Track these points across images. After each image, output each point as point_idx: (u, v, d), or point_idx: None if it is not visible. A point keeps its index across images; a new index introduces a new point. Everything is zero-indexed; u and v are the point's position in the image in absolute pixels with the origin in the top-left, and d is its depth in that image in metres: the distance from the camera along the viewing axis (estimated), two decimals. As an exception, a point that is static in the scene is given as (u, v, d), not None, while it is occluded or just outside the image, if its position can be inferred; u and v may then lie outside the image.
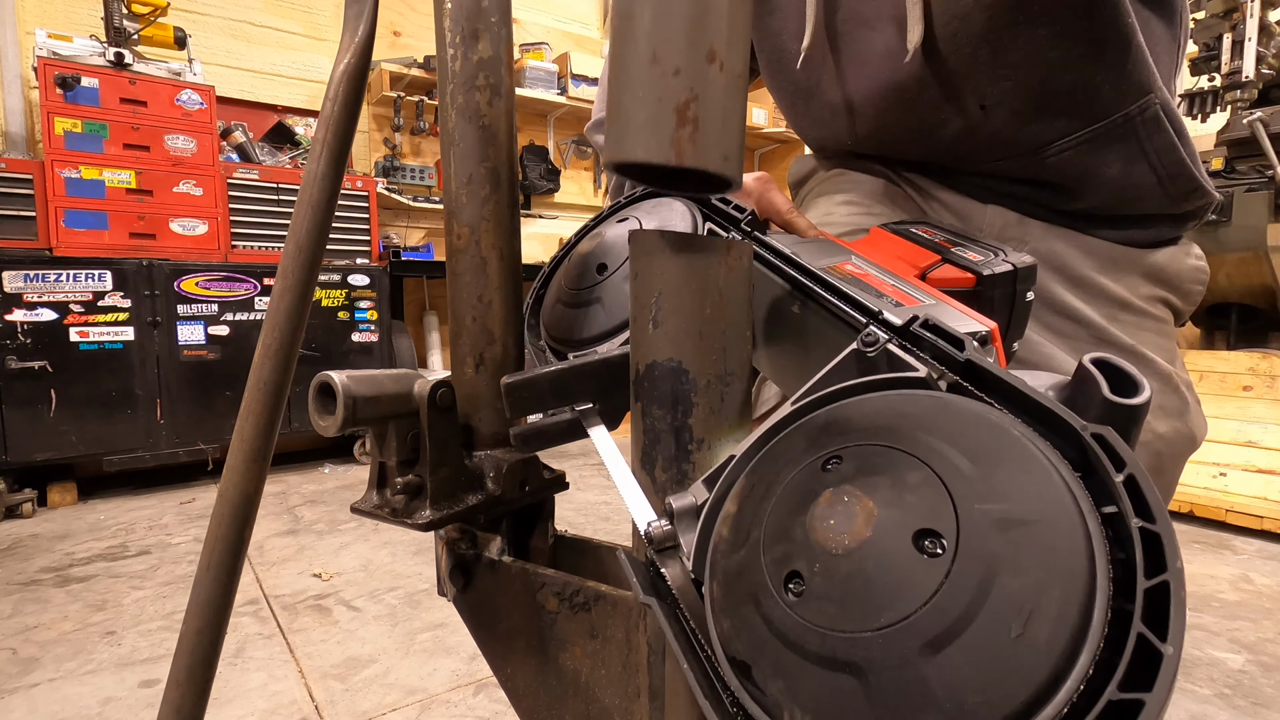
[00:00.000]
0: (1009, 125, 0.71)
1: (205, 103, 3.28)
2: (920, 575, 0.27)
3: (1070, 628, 0.25)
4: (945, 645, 0.26)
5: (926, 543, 0.27)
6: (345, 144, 0.63)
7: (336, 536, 2.64)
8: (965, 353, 0.35)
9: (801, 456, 0.33)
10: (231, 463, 0.60)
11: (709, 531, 0.36)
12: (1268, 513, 2.53)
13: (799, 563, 0.30)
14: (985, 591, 0.26)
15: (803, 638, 0.29)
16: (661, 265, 0.39)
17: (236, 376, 3.34)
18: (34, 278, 2.92)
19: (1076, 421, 0.29)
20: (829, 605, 0.28)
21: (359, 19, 0.63)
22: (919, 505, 0.29)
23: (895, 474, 0.30)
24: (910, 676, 0.26)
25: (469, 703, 1.55)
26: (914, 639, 0.26)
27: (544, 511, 0.61)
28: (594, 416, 0.50)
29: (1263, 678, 1.63)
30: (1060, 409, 0.30)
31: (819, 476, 0.31)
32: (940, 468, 0.29)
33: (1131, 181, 0.71)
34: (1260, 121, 2.63)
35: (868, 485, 0.30)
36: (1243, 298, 3.02)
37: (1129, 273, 0.77)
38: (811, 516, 0.30)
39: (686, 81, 0.34)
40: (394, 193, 4.19)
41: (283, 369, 0.61)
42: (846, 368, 0.40)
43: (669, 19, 0.34)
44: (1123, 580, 0.26)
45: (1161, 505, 0.26)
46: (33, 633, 1.88)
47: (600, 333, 0.54)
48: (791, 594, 0.29)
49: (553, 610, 0.51)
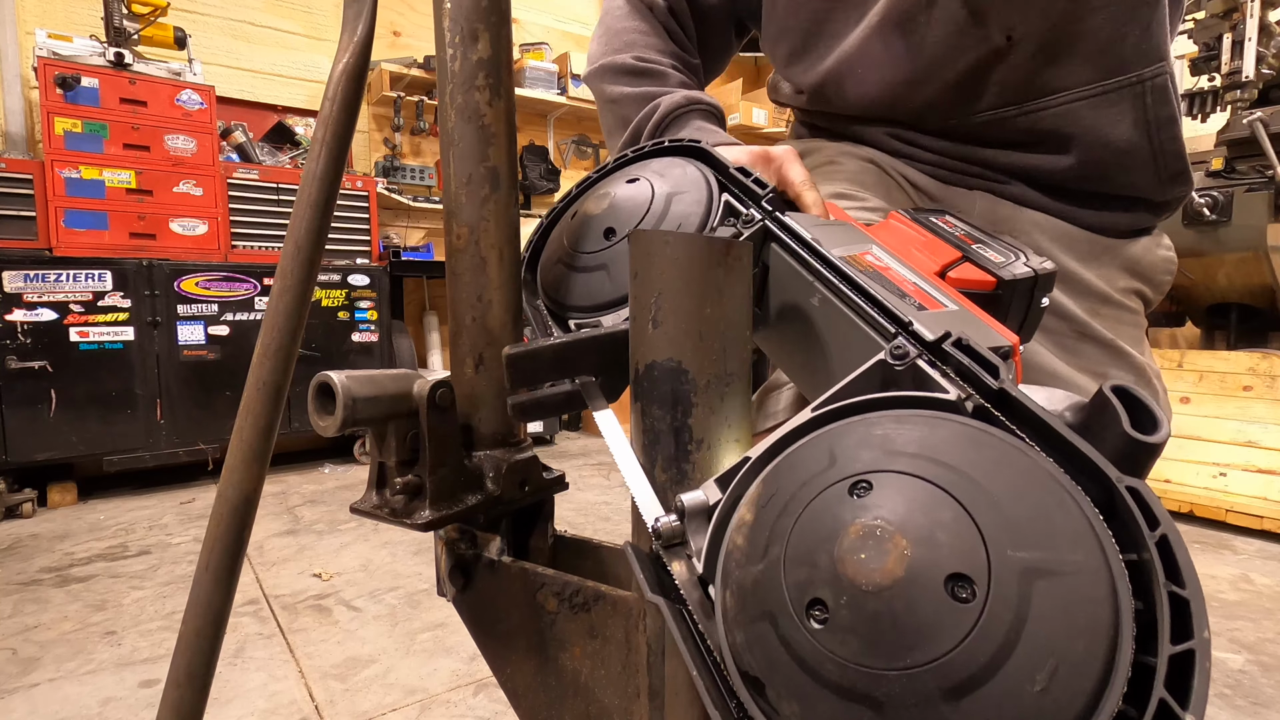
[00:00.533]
0: (1027, 65, 0.69)
1: (205, 103, 3.28)
2: (949, 620, 0.27)
3: (1093, 684, 0.25)
4: (969, 692, 0.26)
5: (957, 587, 0.27)
6: (344, 144, 0.63)
7: (336, 536, 2.64)
8: (1000, 380, 0.34)
9: (826, 473, 0.33)
10: (231, 463, 0.60)
11: (721, 535, 0.36)
12: (1268, 513, 2.53)
13: (824, 591, 0.29)
14: (1013, 642, 0.26)
15: (822, 665, 0.29)
16: (661, 265, 0.39)
17: (236, 376, 3.34)
18: (34, 278, 2.92)
19: (1112, 472, 0.29)
20: (853, 639, 0.28)
21: (358, 19, 0.63)
22: (952, 547, 0.28)
23: (929, 511, 0.29)
24: (930, 718, 0.26)
25: (469, 703, 1.55)
26: (938, 682, 0.26)
27: (544, 511, 0.61)
28: (595, 390, 0.49)
29: (1263, 678, 1.63)
30: (1095, 456, 0.30)
31: (847, 502, 0.31)
32: (973, 507, 0.29)
33: (1127, 148, 0.71)
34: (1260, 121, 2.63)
35: (900, 521, 0.29)
36: (1243, 298, 3.02)
37: (1108, 265, 0.78)
38: (840, 547, 0.30)
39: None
40: (394, 193, 4.19)
41: (282, 369, 0.61)
42: (871, 377, 0.39)
43: None
44: (1141, 636, 0.26)
45: (1193, 569, 0.26)
46: (33, 633, 1.88)
47: (605, 302, 0.52)
48: (815, 621, 0.29)
49: (552, 610, 0.51)
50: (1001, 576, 0.27)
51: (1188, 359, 3.00)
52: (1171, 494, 2.78)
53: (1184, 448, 2.86)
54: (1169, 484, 2.82)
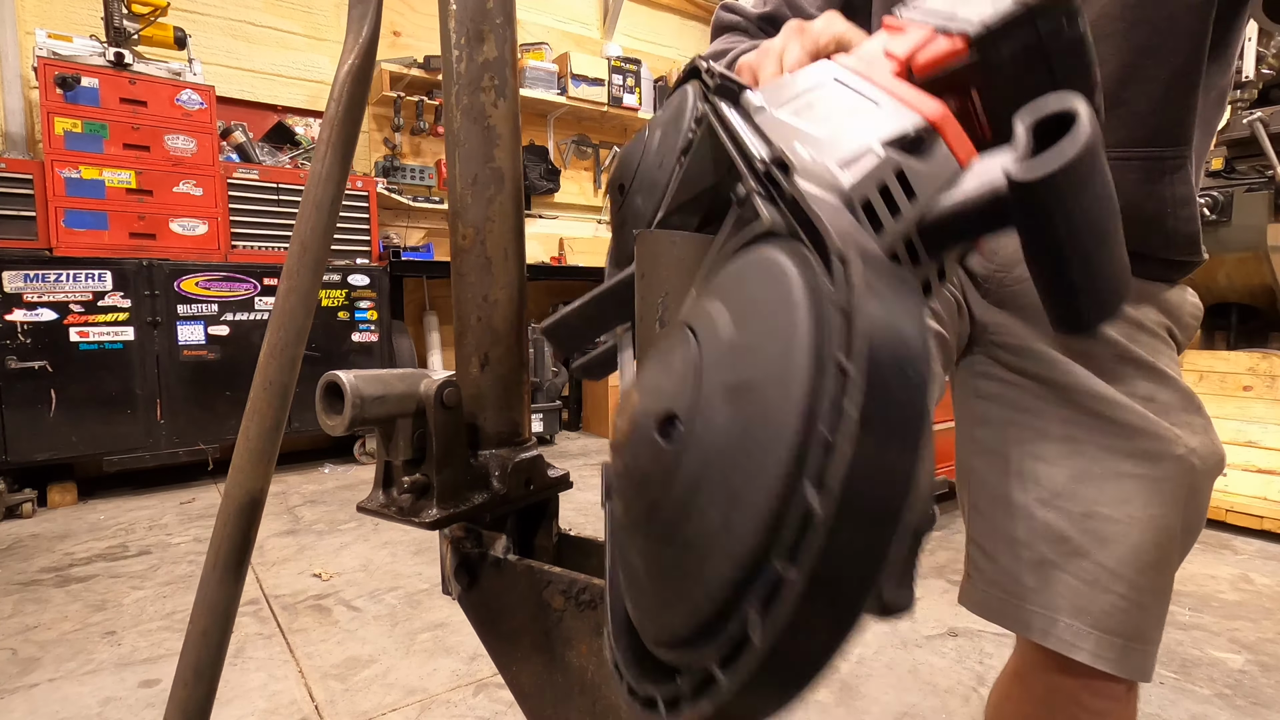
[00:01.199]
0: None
1: (205, 103, 3.28)
2: (656, 464, 0.26)
3: (763, 510, 0.22)
4: (678, 532, 0.25)
5: (665, 428, 0.27)
6: (350, 144, 0.63)
7: (336, 536, 2.64)
8: (788, 188, 0.30)
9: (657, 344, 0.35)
10: (237, 463, 0.60)
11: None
12: (1268, 513, 2.53)
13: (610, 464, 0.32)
14: (700, 478, 0.24)
15: (615, 534, 0.32)
16: (668, 265, 0.39)
17: (236, 376, 3.34)
18: (34, 278, 2.91)
19: (833, 247, 0.25)
20: (620, 501, 0.30)
21: (363, 19, 0.63)
22: (665, 391, 0.27)
23: (666, 360, 0.29)
24: (651, 567, 0.27)
25: (469, 703, 1.55)
26: (660, 528, 0.26)
27: (549, 510, 0.61)
28: (625, 339, 0.50)
29: (1263, 678, 1.63)
30: (828, 236, 0.25)
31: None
32: (705, 339, 0.27)
33: (1135, 213, 0.69)
34: (1260, 121, 2.64)
35: (643, 378, 0.30)
36: (1243, 298, 3.02)
37: (1143, 302, 0.77)
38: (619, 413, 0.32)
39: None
40: (394, 193, 4.19)
41: (288, 368, 0.61)
42: (733, 231, 0.35)
43: None
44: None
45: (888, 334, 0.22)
46: (33, 633, 1.88)
47: (626, 253, 0.51)
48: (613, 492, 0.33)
49: (559, 608, 0.51)
50: (702, 407, 0.25)
51: (1188, 359, 3.00)
52: (1171, 494, 2.78)
53: (1183, 448, 2.86)
54: (1168, 484, 2.82)
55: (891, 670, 1.66)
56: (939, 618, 1.91)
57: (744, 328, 0.26)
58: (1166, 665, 1.68)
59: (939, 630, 1.84)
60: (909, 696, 1.56)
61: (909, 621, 1.90)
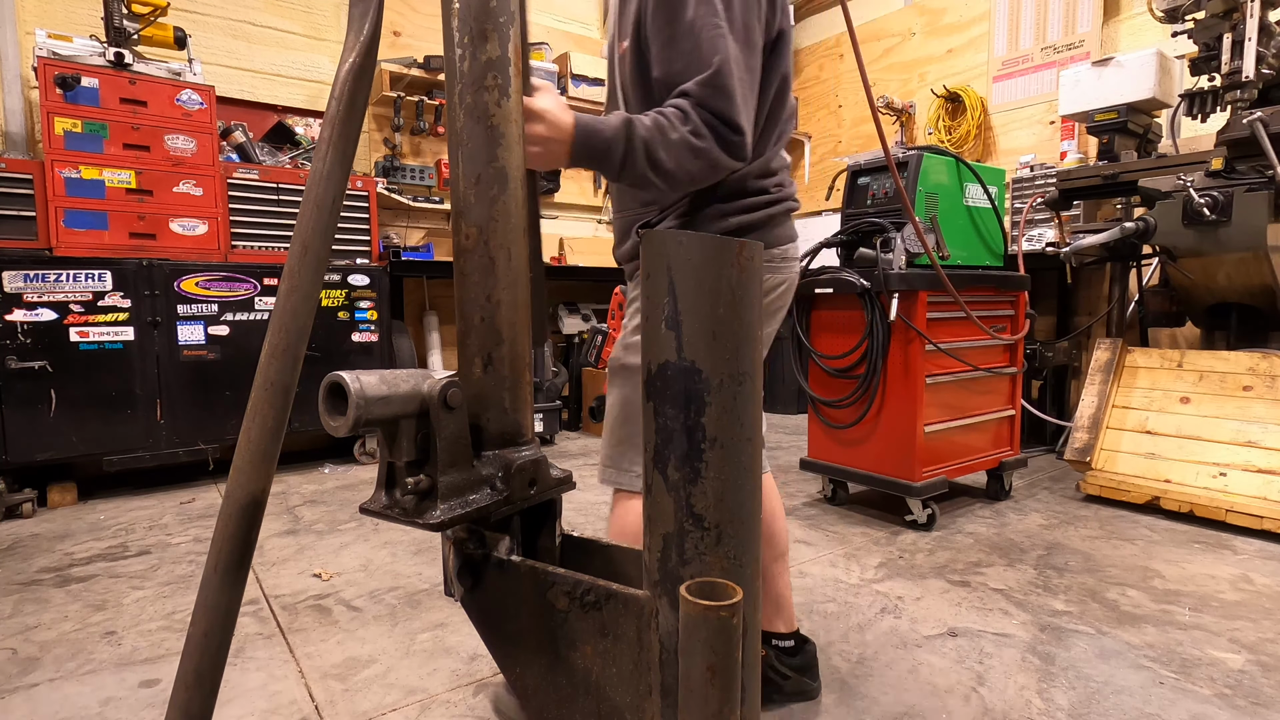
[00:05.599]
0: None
1: (205, 103, 3.28)
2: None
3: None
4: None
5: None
6: (351, 143, 0.63)
7: (336, 536, 2.64)
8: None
9: None
10: (238, 463, 0.60)
11: None
12: (1268, 513, 2.53)
13: None
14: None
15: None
16: (674, 266, 0.39)
17: (236, 376, 3.34)
18: (34, 278, 2.91)
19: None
20: None
21: (364, 18, 0.63)
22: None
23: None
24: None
25: (469, 703, 1.55)
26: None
27: (552, 511, 0.61)
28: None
29: (1263, 678, 1.63)
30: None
31: None
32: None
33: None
34: (1260, 121, 2.63)
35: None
36: (1243, 298, 3.02)
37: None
38: None
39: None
40: (394, 193, 4.19)
41: (290, 369, 0.61)
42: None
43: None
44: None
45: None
46: (33, 633, 1.88)
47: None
48: None
49: (563, 609, 0.51)
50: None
51: (1188, 359, 3.00)
52: (1171, 494, 2.78)
53: (1184, 448, 2.86)
54: (1169, 484, 2.82)
55: (891, 670, 1.66)
56: (939, 618, 1.91)
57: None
58: (1166, 665, 1.68)
59: (939, 630, 1.84)
60: (909, 696, 1.55)
61: (909, 621, 1.90)
